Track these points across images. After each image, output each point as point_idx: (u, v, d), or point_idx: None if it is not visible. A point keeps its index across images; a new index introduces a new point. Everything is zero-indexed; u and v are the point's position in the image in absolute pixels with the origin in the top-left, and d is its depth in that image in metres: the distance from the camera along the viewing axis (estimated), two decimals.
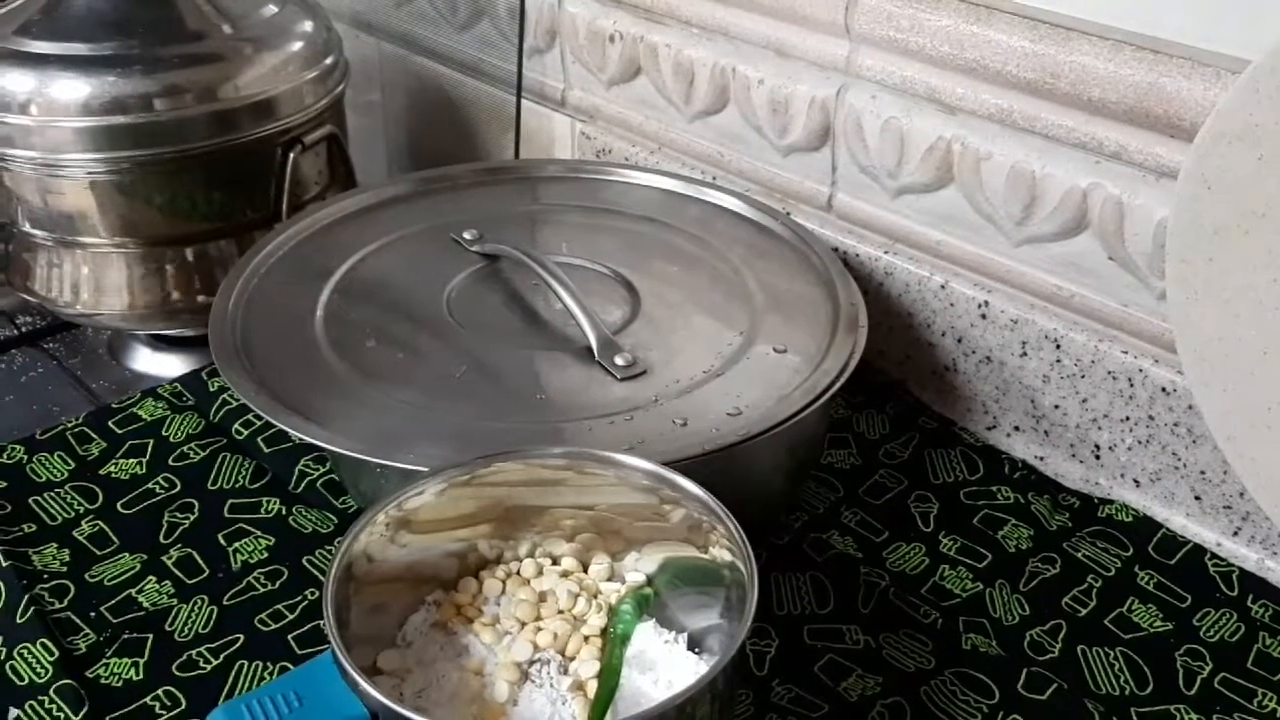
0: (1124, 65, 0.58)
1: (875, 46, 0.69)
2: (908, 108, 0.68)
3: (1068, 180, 0.62)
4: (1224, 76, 0.55)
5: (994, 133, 0.65)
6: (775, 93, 0.74)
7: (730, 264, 0.69)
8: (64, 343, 0.82)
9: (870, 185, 0.72)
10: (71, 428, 0.69)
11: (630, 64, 0.83)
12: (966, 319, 0.70)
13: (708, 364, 0.61)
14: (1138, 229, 0.61)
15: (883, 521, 0.64)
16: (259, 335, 0.61)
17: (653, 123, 0.84)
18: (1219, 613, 0.59)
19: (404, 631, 0.49)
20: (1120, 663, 0.56)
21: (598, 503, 0.51)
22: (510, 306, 0.66)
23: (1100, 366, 0.65)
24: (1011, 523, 0.64)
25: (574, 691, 0.46)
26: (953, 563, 0.61)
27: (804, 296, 0.66)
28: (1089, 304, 0.65)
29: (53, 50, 0.71)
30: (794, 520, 0.63)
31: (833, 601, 0.58)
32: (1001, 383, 0.70)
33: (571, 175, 0.81)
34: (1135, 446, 0.65)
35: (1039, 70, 0.61)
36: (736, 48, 0.76)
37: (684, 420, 0.56)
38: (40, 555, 0.60)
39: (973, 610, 0.58)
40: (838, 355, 0.60)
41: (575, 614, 0.50)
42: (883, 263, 0.73)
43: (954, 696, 0.54)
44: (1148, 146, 0.59)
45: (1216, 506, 0.62)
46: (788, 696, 0.53)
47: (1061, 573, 0.61)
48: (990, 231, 0.67)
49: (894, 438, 0.70)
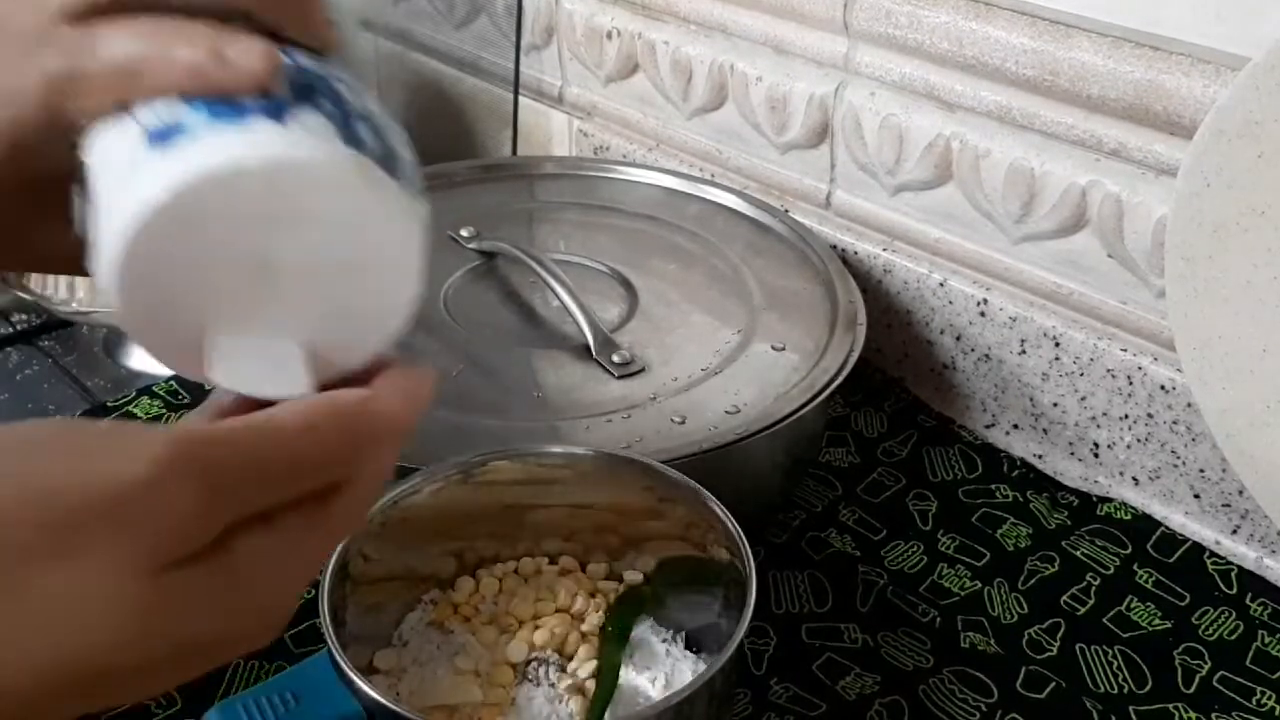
0: (1123, 62, 0.58)
1: (874, 43, 0.69)
2: (906, 105, 0.68)
3: (1067, 177, 0.62)
4: (1223, 73, 0.55)
5: (993, 130, 0.65)
6: (773, 90, 0.74)
7: (728, 261, 0.69)
8: (59, 340, 0.81)
9: (869, 182, 0.72)
10: None
11: (628, 61, 0.83)
12: (965, 317, 0.70)
13: (706, 362, 0.61)
14: (1137, 226, 0.60)
15: (881, 520, 0.64)
16: None
17: (650, 120, 0.84)
18: (1218, 611, 0.59)
19: (400, 630, 0.49)
20: (1119, 661, 0.56)
21: (595, 501, 0.51)
22: (507, 304, 0.66)
23: (1099, 364, 0.64)
24: (1010, 521, 0.64)
25: (572, 691, 0.46)
26: (951, 561, 0.61)
27: (802, 294, 0.66)
28: (1088, 302, 0.65)
29: None
30: (792, 519, 0.63)
31: (831, 600, 0.58)
32: (1000, 380, 0.69)
33: (569, 172, 0.80)
34: (1134, 444, 0.65)
35: (1038, 67, 0.61)
36: (734, 45, 0.76)
37: (682, 418, 0.56)
38: None
39: (971, 609, 0.58)
40: (836, 353, 0.60)
41: (573, 613, 0.50)
42: (881, 260, 0.73)
43: (952, 695, 0.53)
44: (1147, 144, 0.59)
45: (1215, 505, 0.62)
46: (786, 695, 0.53)
47: (1060, 571, 0.61)
48: (989, 229, 0.67)
49: (892, 436, 0.70)
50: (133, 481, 0.26)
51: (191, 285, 0.28)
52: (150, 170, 0.27)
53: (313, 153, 0.27)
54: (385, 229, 0.29)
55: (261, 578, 0.28)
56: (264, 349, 0.30)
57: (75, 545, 0.25)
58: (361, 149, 0.28)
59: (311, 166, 0.27)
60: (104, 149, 0.29)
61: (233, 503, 0.27)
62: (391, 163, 0.29)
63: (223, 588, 0.27)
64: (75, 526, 0.25)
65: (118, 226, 0.27)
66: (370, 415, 0.29)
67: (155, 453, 0.26)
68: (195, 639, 0.28)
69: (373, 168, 0.28)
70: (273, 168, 0.27)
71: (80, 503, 0.25)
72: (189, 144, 0.27)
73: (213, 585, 0.27)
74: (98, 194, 0.29)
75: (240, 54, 0.28)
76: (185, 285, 0.28)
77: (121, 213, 0.27)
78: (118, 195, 0.28)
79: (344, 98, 0.29)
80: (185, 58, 0.28)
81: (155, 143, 0.27)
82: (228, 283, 0.29)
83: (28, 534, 0.25)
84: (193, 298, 0.29)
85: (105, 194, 0.28)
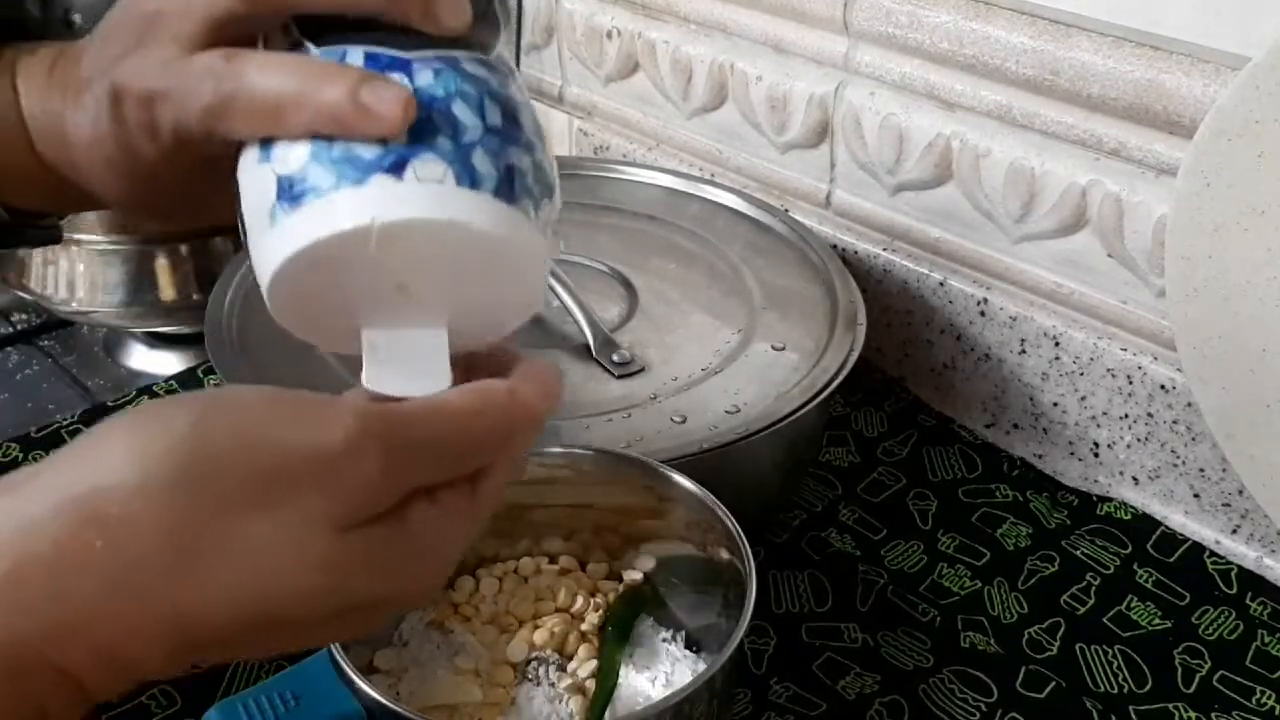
0: (1123, 62, 0.58)
1: (874, 43, 0.69)
2: (906, 104, 0.68)
3: (1067, 177, 0.62)
4: (1224, 73, 0.55)
5: (993, 129, 0.65)
6: (773, 89, 0.74)
7: (728, 261, 0.69)
8: (60, 340, 0.81)
9: (869, 182, 0.72)
10: (67, 426, 0.68)
11: (628, 60, 0.83)
12: (965, 316, 0.70)
13: (706, 361, 0.61)
14: (1137, 226, 0.60)
15: (881, 519, 0.63)
16: (255, 333, 0.61)
17: (651, 119, 0.84)
18: (1217, 610, 0.59)
19: (400, 630, 0.49)
20: (1119, 660, 0.56)
21: (595, 501, 0.51)
22: None
23: (1099, 364, 0.64)
24: (1010, 520, 0.64)
25: (572, 690, 0.46)
26: (951, 561, 0.61)
27: (802, 294, 0.66)
28: (1088, 301, 0.65)
29: None
30: (792, 518, 0.63)
31: (831, 599, 0.58)
32: (1000, 380, 0.69)
33: (569, 172, 0.80)
34: (1134, 444, 0.65)
35: (1038, 67, 0.61)
36: (735, 44, 0.76)
37: (682, 418, 0.56)
38: None
39: (971, 608, 0.58)
40: (836, 353, 0.60)
41: (573, 612, 0.50)
42: (881, 260, 0.73)
43: (952, 695, 0.53)
44: (1147, 143, 0.59)
45: (1215, 504, 0.62)
46: (786, 695, 0.53)
47: (1060, 570, 0.61)
48: (989, 228, 0.67)
49: (892, 435, 0.70)
50: (330, 447, 0.29)
51: (333, 304, 0.32)
52: (282, 227, 0.31)
53: (426, 211, 0.30)
54: (501, 252, 0.32)
55: (428, 545, 0.31)
56: (409, 349, 0.33)
57: (278, 498, 0.29)
58: (478, 185, 0.31)
59: (424, 224, 0.30)
60: (248, 179, 0.33)
61: (411, 475, 0.31)
62: (509, 185, 0.31)
63: (397, 550, 0.31)
64: (279, 482, 0.29)
65: (260, 269, 0.31)
66: (519, 406, 0.32)
67: (349, 424, 0.29)
68: (369, 594, 0.31)
69: (486, 207, 0.31)
70: (391, 227, 0.30)
71: (285, 461, 0.29)
72: (316, 203, 0.30)
73: (389, 547, 0.30)
74: (246, 223, 0.32)
75: (377, 101, 0.30)
76: (328, 305, 0.32)
77: (260, 261, 0.31)
78: (257, 238, 0.32)
79: (462, 125, 0.31)
80: (327, 101, 0.31)
81: (287, 200, 0.31)
82: (368, 300, 0.32)
83: (239, 483, 0.28)
84: (337, 312, 0.32)
85: (252, 228, 0.32)
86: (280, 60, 0.33)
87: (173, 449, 0.28)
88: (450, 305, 0.33)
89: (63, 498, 0.28)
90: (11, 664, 0.27)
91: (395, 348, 0.33)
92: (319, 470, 0.29)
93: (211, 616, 0.29)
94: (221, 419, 0.29)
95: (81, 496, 0.28)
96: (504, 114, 0.32)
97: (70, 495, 0.28)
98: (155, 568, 0.28)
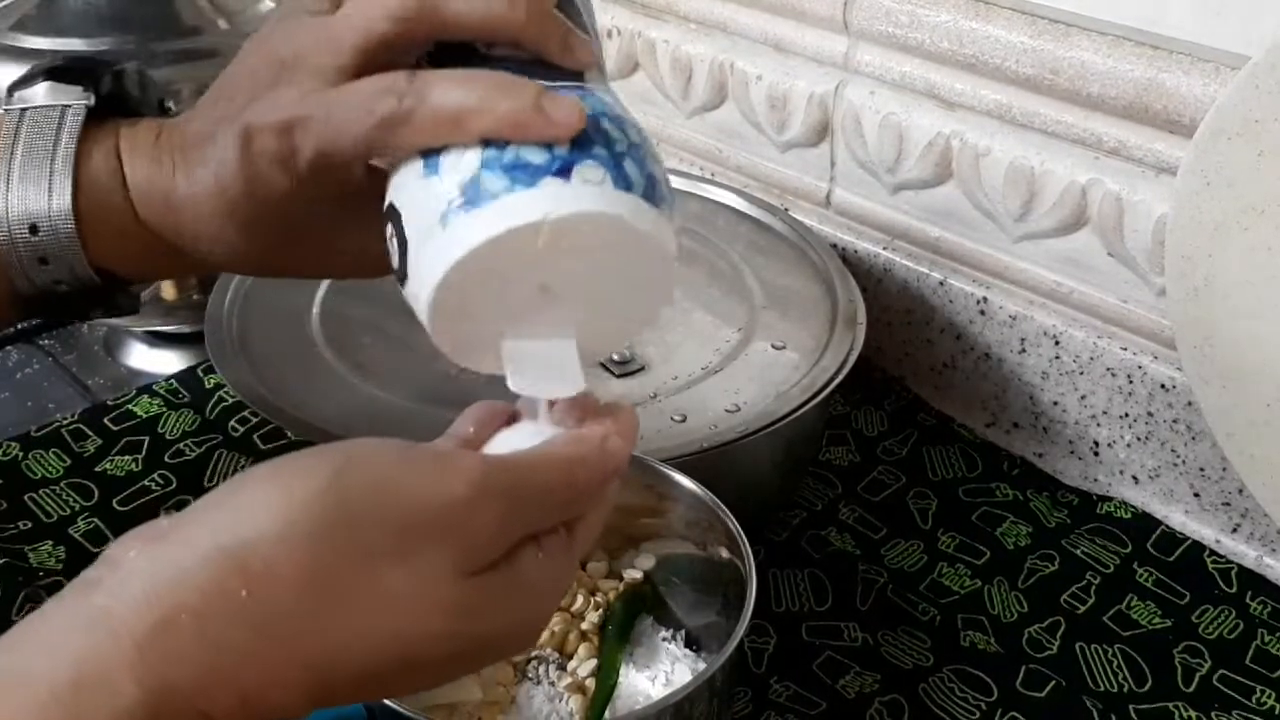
0: (1123, 61, 0.58)
1: (874, 42, 0.69)
2: (906, 103, 0.68)
3: (1067, 176, 0.62)
4: (1223, 72, 0.55)
5: (993, 128, 0.65)
6: (773, 88, 0.74)
7: (728, 260, 0.69)
8: (60, 339, 0.81)
9: (869, 181, 0.72)
10: (67, 425, 0.68)
11: (628, 60, 0.83)
12: (965, 315, 0.70)
13: (706, 360, 0.61)
14: (1137, 225, 0.60)
15: (881, 518, 0.63)
16: (255, 332, 0.61)
17: (650, 118, 0.84)
18: (1218, 610, 0.59)
19: None
20: (1119, 660, 0.56)
21: None
22: None
23: (1099, 363, 0.64)
24: (1010, 520, 0.64)
25: (572, 689, 0.46)
26: (951, 560, 0.61)
27: (802, 293, 0.66)
28: (1088, 300, 0.65)
29: (48, 46, 0.71)
30: (792, 517, 0.63)
31: (831, 599, 0.58)
32: (1000, 379, 0.69)
33: None
34: (1134, 443, 0.65)
35: (1038, 66, 0.61)
36: (735, 43, 0.76)
37: (682, 417, 0.56)
38: (36, 553, 0.60)
39: (971, 607, 0.58)
40: (836, 352, 0.60)
41: (573, 611, 0.50)
42: (881, 259, 0.73)
43: (952, 694, 0.53)
44: (1147, 142, 0.59)
45: (1215, 503, 0.62)
46: (786, 694, 0.53)
47: (1060, 570, 0.61)
48: (989, 228, 0.67)
49: (892, 434, 0.70)
50: (453, 499, 0.30)
51: (485, 310, 0.34)
52: (456, 228, 0.32)
53: (594, 206, 0.32)
54: (646, 250, 0.34)
55: (537, 588, 0.33)
56: (547, 354, 0.35)
57: (412, 549, 0.30)
58: (630, 188, 0.33)
59: (591, 217, 0.32)
60: (411, 192, 0.34)
61: (523, 522, 0.32)
62: (652, 191, 0.34)
63: (510, 594, 0.32)
64: (413, 533, 0.30)
65: (426, 276, 0.33)
66: (611, 455, 0.34)
67: (472, 476, 0.31)
68: (486, 637, 0.32)
69: (638, 207, 0.33)
70: (561, 223, 0.32)
71: (417, 514, 0.30)
72: (492, 204, 0.32)
73: (505, 592, 0.32)
74: (407, 237, 0.34)
75: (556, 108, 0.33)
76: (480, 310, 0.34)
77: (431, 265, 0.33)
78: (427, 246, 0.33)
79: (612, 137, 0.34)
80: (512, 107, 0.33)
81: (462, 204, 0.32)
82: (514, 303, 0.34)
83: (376, 535, 0.30)
84: (486, 318, 0.34)
85: (415, 240, 0.34)
86: (462, 73, 0.35)
87: (312, 501, 0.30)
88: (584, 308, 0.35)
89: (209, 548, 0.29)
90: (162, 710, 0.28)
91: (533, 357, 0.35)
92: (447, 520, 0.30)
93: (350, 662, 0.30)
94: (358, 474, 0.31)
95: (226, 547, 0.29)
96: (637, 132, 0.35)
97: (216, 545, 0.29)
98: (299, 615, 0.29)
